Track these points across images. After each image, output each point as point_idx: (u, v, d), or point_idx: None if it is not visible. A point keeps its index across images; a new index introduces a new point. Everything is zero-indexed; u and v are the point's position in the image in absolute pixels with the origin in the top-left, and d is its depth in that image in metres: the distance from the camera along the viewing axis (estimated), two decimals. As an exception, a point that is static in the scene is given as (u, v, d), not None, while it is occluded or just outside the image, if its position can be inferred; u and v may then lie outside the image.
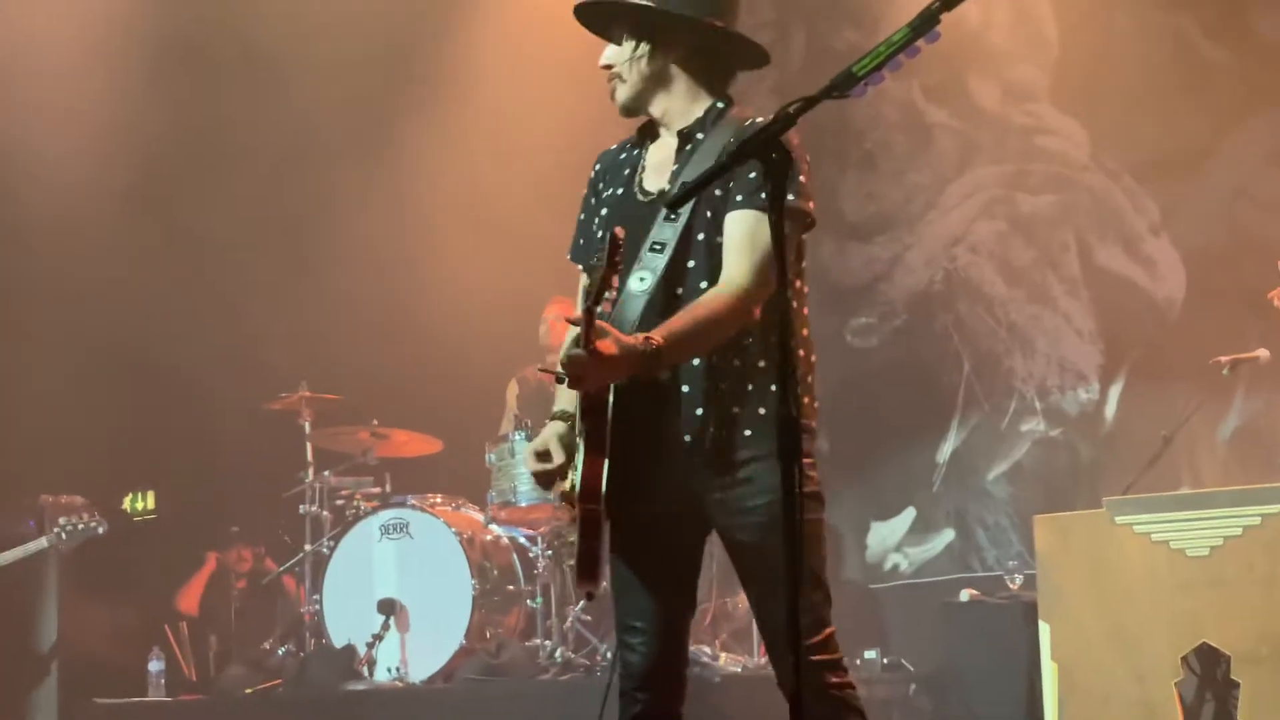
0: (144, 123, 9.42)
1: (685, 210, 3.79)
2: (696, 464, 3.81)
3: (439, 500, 8.72)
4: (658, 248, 3.83)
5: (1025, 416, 9.49)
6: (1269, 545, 6.08)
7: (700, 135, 3.95)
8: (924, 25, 3.06)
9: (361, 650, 8.23)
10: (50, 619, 8.55)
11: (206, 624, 9.52)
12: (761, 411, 3.81)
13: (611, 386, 3.68)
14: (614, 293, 3.64)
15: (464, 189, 9.78)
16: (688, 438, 3.80)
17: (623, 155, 4.14)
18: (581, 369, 3.54)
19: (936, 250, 9.81)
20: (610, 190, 4.10)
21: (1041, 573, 6.68)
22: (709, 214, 3.83)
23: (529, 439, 8.34)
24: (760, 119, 3.90)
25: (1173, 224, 9.12)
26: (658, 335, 3.61)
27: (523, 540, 8.60)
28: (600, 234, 4.03)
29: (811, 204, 3.87)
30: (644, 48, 3.98)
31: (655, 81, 4.00)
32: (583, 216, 4.17)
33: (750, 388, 3.82)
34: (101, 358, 9.16)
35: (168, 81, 9.55)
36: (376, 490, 8.99)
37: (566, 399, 3.95)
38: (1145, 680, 6.25)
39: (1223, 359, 7.26)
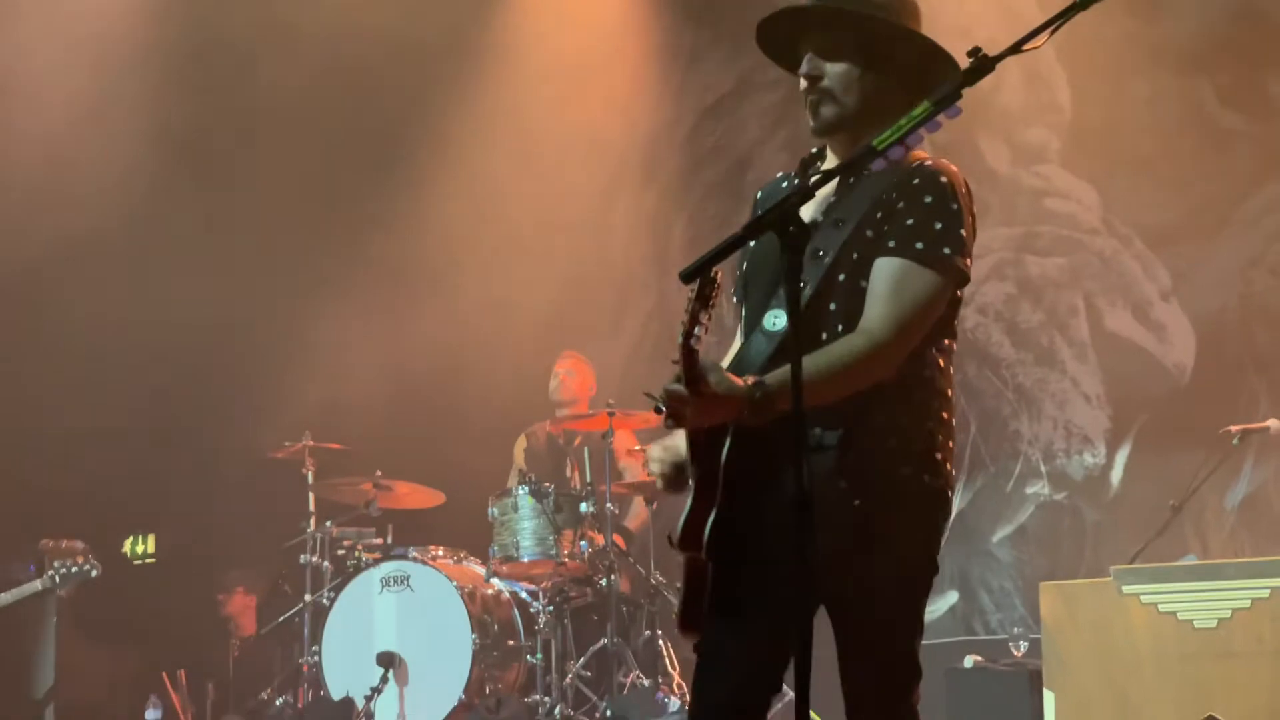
0: (153, 177, 9.42)
1: (831, 249, 3.53)
2: (816, 522, 3.25)
3: (440, 553, 8.66)
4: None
5: (1030, 479, 9.45)
6: (1277, 618, 6.05)
7: (866, 171, 3.57)
8: (946, 100, 3.02)
9: (360, 703, 8.16)
10: (47, 663, 8.46)
11: (204, 672, 9.44)
12: (899, 473, 3.54)
13: (730, 430, 3.42)
14: (704, 330, 3.27)
15: (475, 244, 9.75)
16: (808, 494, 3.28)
17: (784, 185, 3.86)
18: (680, 405, 3.29)
19: (944, 310, 9.76)
20: None
21: (1047, 640, 6.63)
22: (854, 255, 3.54)
23: (532, 494, 8.34)
24: (929, 162, 3.62)
25: (1184, 290, 9.07)
26: (771, 379, 3.35)
27: (524, 595, 8.55)
28: (744, 265, 3.79)
29: (969, 260, 3.57)
30: (870, 69, 3.66)
31: (874, 106, 3.66)
32: None
33: (889, 446, 3.54)
34: (107, 402, 9.13)
35: (174, 117, 9.59)
36: (378, 542, 8.94)
37: None
38: (1151, 752, 6.20)
39: (1232, 429, 7.27)
